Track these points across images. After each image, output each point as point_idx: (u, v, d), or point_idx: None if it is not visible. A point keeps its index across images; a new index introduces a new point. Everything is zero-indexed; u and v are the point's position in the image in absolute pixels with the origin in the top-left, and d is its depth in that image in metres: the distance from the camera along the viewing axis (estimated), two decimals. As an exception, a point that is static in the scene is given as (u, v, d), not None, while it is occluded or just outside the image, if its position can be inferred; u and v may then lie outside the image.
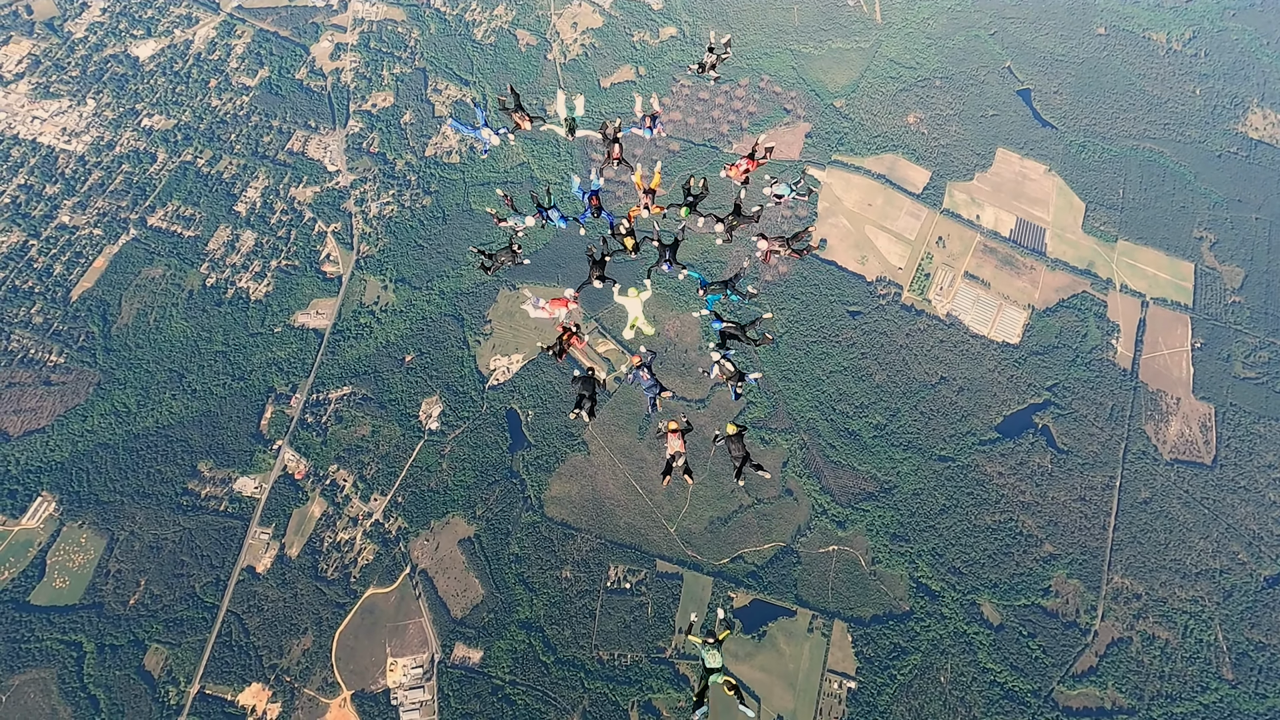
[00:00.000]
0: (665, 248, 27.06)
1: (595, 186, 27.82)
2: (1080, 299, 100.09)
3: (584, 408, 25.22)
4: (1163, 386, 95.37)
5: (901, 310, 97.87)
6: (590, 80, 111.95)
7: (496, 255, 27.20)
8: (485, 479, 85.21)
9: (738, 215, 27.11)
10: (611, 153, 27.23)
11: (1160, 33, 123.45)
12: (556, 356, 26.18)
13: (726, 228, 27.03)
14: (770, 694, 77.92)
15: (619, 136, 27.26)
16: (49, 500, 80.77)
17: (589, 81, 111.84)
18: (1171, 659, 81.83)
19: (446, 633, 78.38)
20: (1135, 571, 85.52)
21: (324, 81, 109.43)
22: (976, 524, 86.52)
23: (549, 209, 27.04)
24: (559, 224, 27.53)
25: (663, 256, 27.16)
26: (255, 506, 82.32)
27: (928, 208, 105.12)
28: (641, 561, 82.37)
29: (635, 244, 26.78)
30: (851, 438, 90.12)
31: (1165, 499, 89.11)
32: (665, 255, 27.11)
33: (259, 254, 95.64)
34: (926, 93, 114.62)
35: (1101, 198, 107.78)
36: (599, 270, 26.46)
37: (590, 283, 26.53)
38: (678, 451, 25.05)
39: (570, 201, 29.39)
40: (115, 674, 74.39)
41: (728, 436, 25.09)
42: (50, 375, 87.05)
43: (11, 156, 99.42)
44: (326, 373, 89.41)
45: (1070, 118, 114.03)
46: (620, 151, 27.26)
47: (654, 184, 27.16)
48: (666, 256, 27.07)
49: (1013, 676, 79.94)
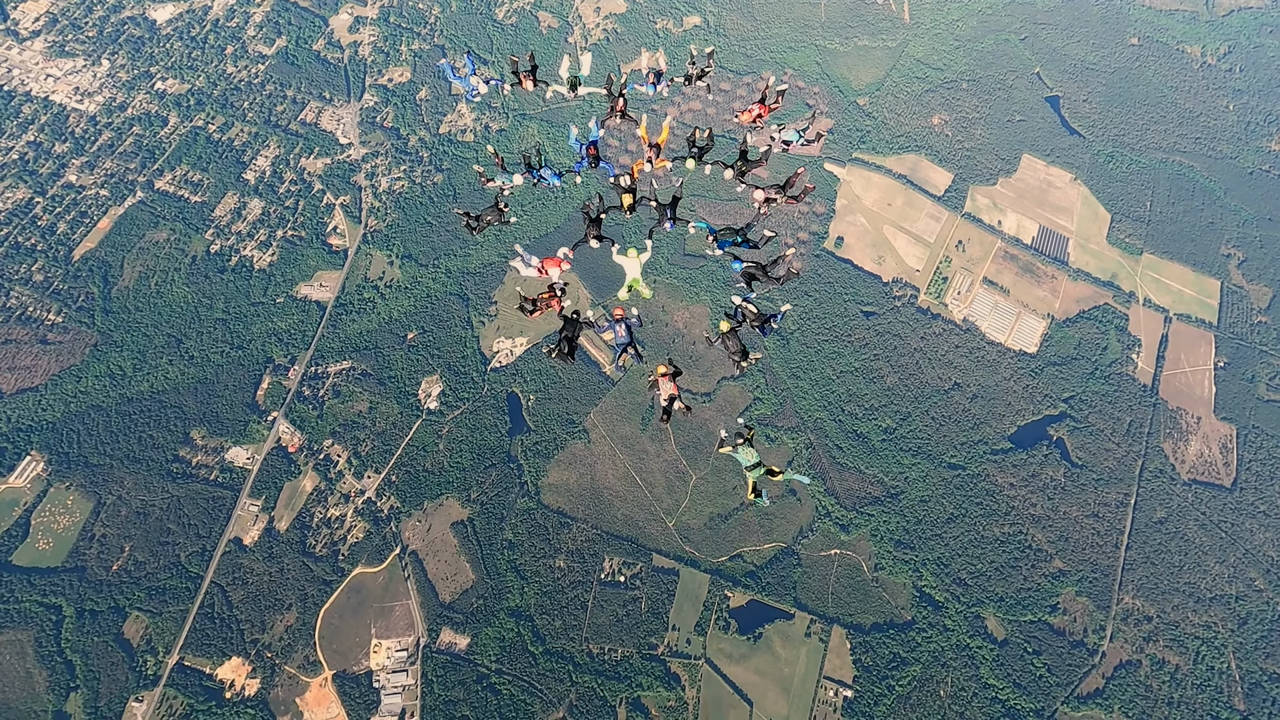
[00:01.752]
0: (664, 207, 25.59)
1: (594, 137, 26.22)
2: (1101, 311, 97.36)
3: (562, 349, 24.24)
4: (1183, 405, 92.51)
5: (917, 313, 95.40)
6: (611, 65, 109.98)
7: (482, 215, 25.89)
8: (482, 462, 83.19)
9: (744, 160, 25.71)
10: (615, 105, 26.01)
11: (1195, 46, 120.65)
12: (528, 314, 24.99)
13: (735, 173, 25.59)
14: (763, 698, 75.49)
15: (624, 91, 26.14)
16: (38, 460, 79.20)
17: (610, 66, 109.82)
18: (1181, 685, 78.93)
19: (434, 617, 76.31)
20: (1147, 593, 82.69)
21: (341, 54, 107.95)
22: (984, 535, 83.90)
23: (540, 169, 26.02)
24: (552, 181, 26.42)
25: (664, 216, 25.69)
26: (246, 477, 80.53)
27: (948, 210, 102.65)
28: (638, 555, 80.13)
29: (632, 203, 25.50)
30: (859, 440, 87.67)
31: (1181, 520, 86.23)
32: (666, 214, 25.62)
33: (265, 223, 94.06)
34: (952, 95, 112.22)
35: (1128, 209, 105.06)
36: (595, 229, 25.12)
37: (586, 241, 25.22)
38: (672, 395, 23.99)
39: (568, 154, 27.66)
40: (93, 640, 72.65)
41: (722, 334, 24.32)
42: (47, 334, 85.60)
43: (23, 113, 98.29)
44: (326, 346, 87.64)
45: (1099, 127, 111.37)
46: (624, 105, 25.99)
47: (661, 139, 25.99)
48: (667, 215, 25.59)
49: (1015, 694, 77.24)
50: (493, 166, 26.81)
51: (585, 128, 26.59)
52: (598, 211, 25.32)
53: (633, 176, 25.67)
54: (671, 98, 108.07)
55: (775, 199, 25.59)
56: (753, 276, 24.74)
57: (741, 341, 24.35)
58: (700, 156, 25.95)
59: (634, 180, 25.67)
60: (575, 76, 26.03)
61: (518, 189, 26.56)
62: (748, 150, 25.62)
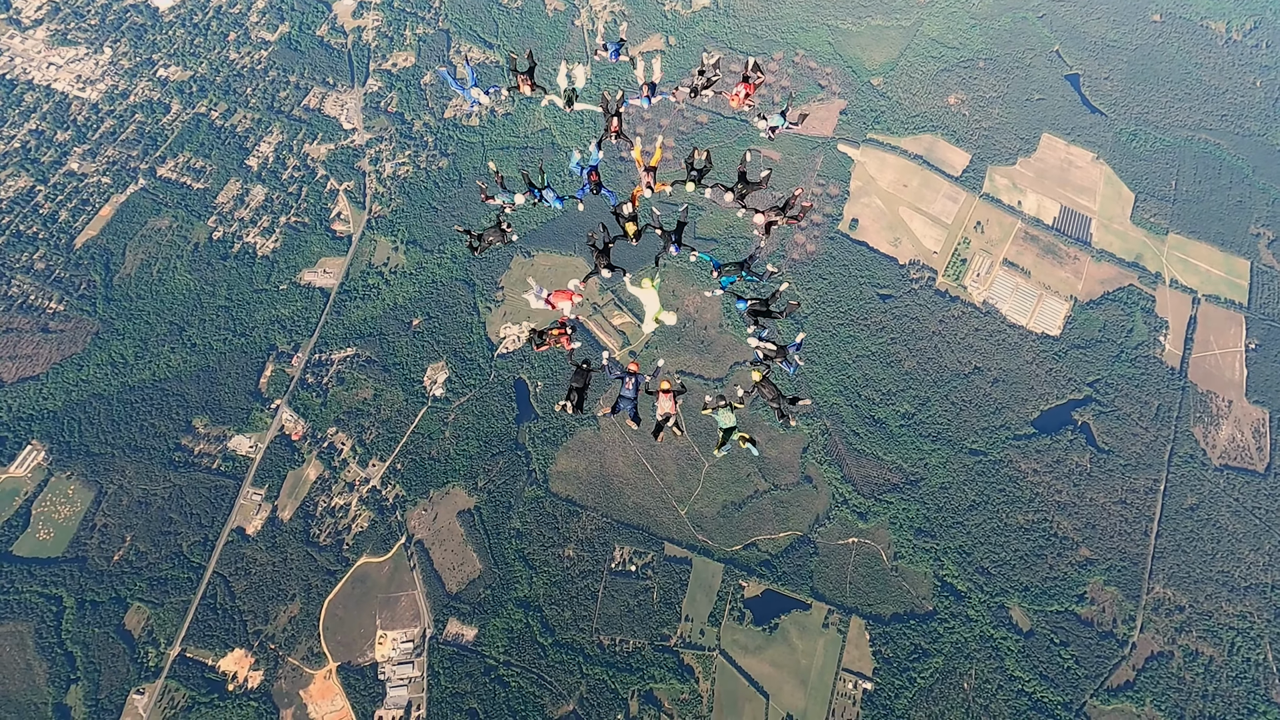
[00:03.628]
0: (668, 233, 25.17)
1: (594, 161, 25.70)
2: (1126, 292, 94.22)
3: (572, 400, 23.70)
4: (1213, 388, 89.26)
5: (935, 295, 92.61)
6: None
7: (484, 235, 25.41)
8: (489, 450, 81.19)
9: (744, 183, 25.32)
10: (610, 125, 25.49)
11: (1219, 22, 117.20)
12: (535, 346, 24.64)
13: (735, 196, 25.26)
14: (780, 691, 73.02)
15: (620, 110, 25.53)
16: (38, 449, 77.88)
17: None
18: (1216, 678, 75.78)
19: (440, 607, 74.33)
20: (1179, 582, 79.57)
21: (345, 39, 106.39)
22: (1008, 523, 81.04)
23: (542, 189, 25.49)
24: (554, 204, 25.98)
25: (669, 241, 25.25)
26: (249, 466, 78.89)
27: (966, 191, 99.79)
28: (649, 544, 77.85)
29: (637, 230, 24.99)
30: (877, 426, 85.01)
31: (1213, 506, 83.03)
32: (671, 239, 25.20)
33: (268, 209, 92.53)
34: (969, 74, 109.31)
35: (1152, 188, 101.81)
36: (604, 259, 24.79)
37: (598, 272, 25.07)
38: (668, 413, 23.93)
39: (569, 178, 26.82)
40: (94, 631, 71.15)
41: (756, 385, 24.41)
42: (49, 322, 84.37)
43: (25, 101, 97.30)
44: (330, 333, 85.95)
45: (1121, 105, 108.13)
46: (620, 125, 25.47)
47: (655, 161, 25.50)
48: (672, 240, 25.17)
49: (1042, 687, 74.36)
50: (493, 184, 26.09)
51: (586, 152, 25.90)
52: (604, 242, 24.88)
53: (634, 203, 25.18)
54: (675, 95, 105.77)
55: (776, 221, 25.13)
56: (758, 313, 24.69)
57: (778, 388, 24.29)
58: (699, 179, 25.45)
59: (635, 207, 25.15)
60: (572, 90, 25.62)
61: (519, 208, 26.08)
62: (747, 171, 25.08)
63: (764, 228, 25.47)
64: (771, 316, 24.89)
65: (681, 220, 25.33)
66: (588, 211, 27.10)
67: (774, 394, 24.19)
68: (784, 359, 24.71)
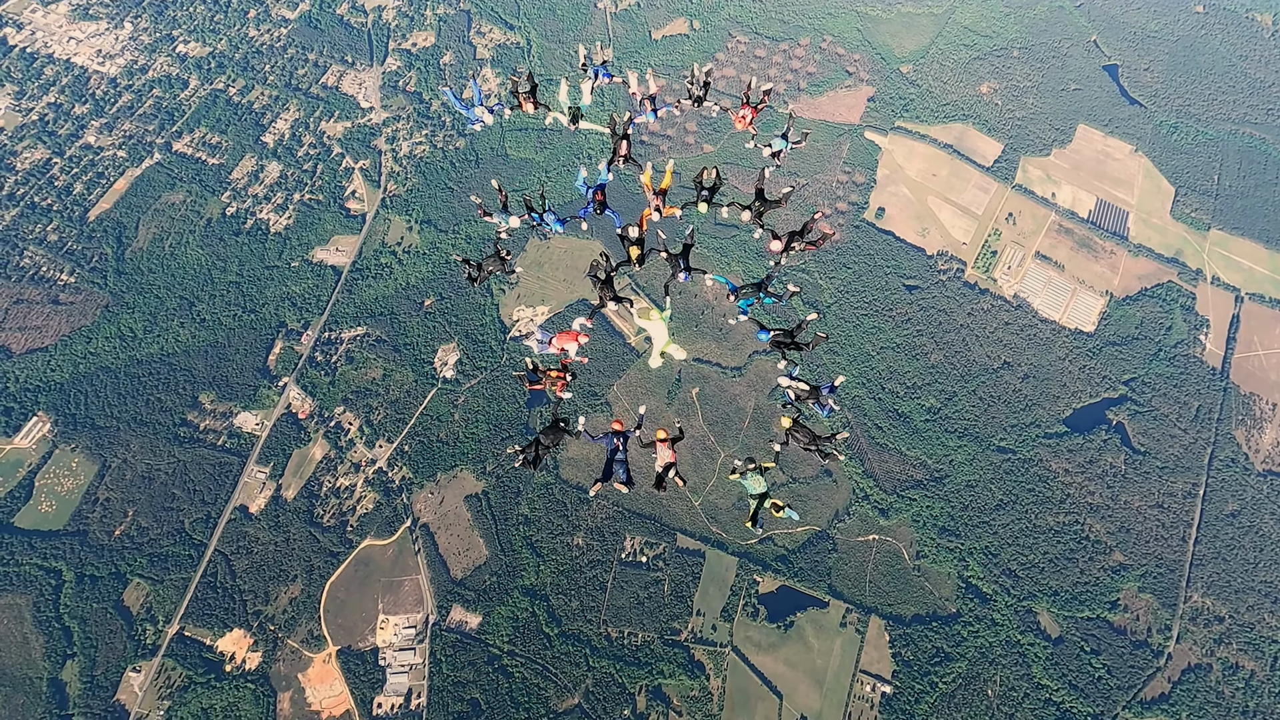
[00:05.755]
0: (675, 257, 23.38)
1: (602, 180, 23.99)
2: (1165, 289, 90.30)
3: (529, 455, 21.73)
4: (1257, 389, 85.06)
5: (964, 287, 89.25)
6: (641, 31, 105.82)
7: (483, 264, 23.95)
8: (499, 434, 78.98)
9: (762, 201, 23.49)
10: (619, 150, 23.80)
11: (1266, 14, 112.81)
12: (528, 384, 22.83)
13: (754, 214, 23.49)
14: (794, 691, 69.97)
15: (628, 132, 23.83)
16: (44, 421, 76.79)
17: (640, 32, 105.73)
18: (1258, 693, 71.67)
19: (444, 593, 72.12)
20: (1218, 591, 75.53)
21: (365, 18, 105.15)
22: (1037, 524, 77.44)
23: (543, 212, 23.68)
24: (555, 228, 24.03)
25: (676, 267, 23.43)
26: (255, 444, 77.28)
27: (998, 181, 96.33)
28: (661, 534, 75.17)
29: (641, 255, 23.40)
30: (901, 420, 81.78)
31: (1256, 513, 78.89)
32: (679, 265, 23.38)
33: (283, 186, 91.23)
34: (1003, 63, 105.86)
35: (1194, 183, 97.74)
36: (609, 290, 23.01)
37: (603, 306, 23.48)
38: (669, 463, 21.89)
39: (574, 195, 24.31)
40: (92, 606, 69.71)
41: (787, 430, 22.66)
42: (59, 295, 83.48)
43: (44, 75, 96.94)
44: (341, 311, 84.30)
45: (1161, 97, 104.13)
46: (629, 149, 23.86)
47: (664, 185, 23.79)
48: (680, 266, 23.37)
49: (1071, 696, 70.68)
50: (492, 201, 24.38)
51: (594, 170, 24.59)
52: (607, 272, 23.16)
53: (641, 226, 23.47)
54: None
55: (794, 247, 23.62)
56: (782, 344, 23.23)
57: (811, 429, 22.56)
58: (710, 198, 23.97)
59: (642, 231, 23.47)
60: (577, 107, 24.01)
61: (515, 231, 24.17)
62: (764, 190, 23.37)
63: (780, 251, 23.77)
64: (798, 348, 23.26)
65: (688, 242, 23.63)
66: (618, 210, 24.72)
67: (810, 437, 22.30)
68: (817, 400, 22.84)
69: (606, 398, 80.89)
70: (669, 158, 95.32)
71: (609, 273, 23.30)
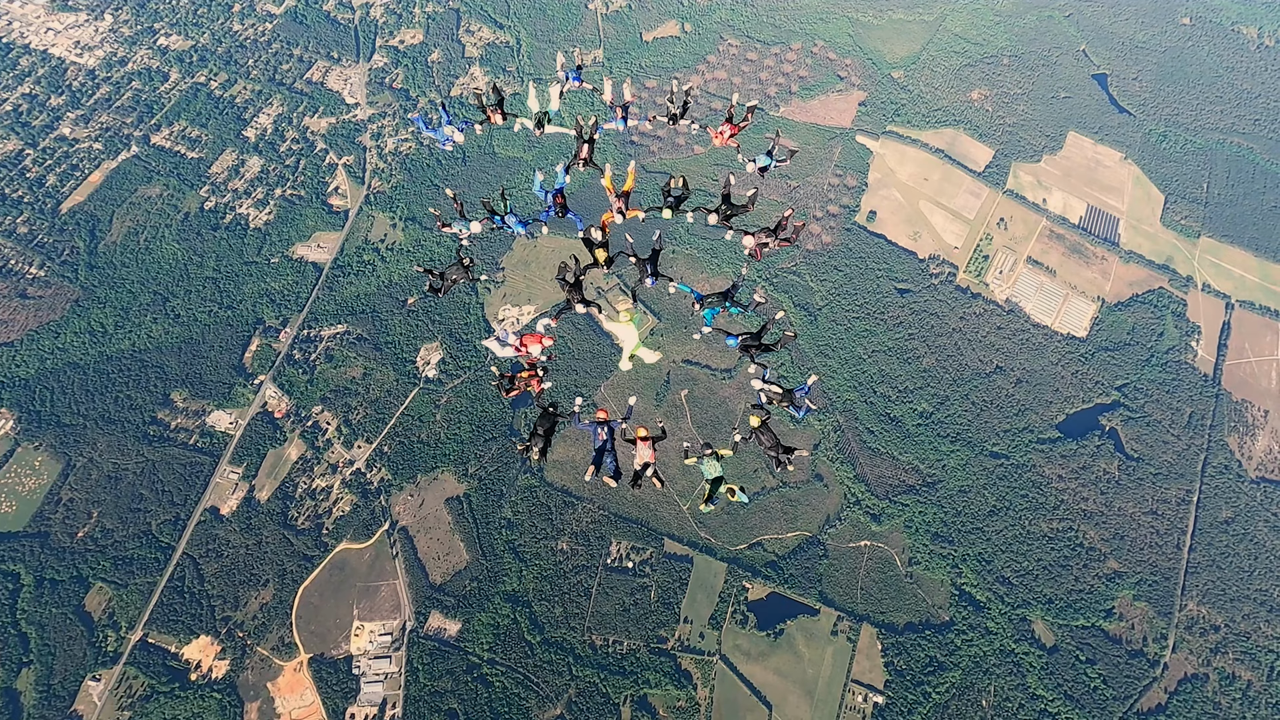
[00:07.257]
0: (643, 261, 22.97)
1: (560, 184, 23.81)
2: (1156, 295, 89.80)
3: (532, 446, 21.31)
4: (1249, 396, 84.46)
5: (955, 292, 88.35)
6: (632, 33, 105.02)
7: (445, 273, 23.63)
8: (481, 435, 76.75)
9: (729, 205, 23.18)
10: (579, 153, 23.60)
11: (1251, 27, 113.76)
12: (504, 392, 22.34)
13: (721, 218, 23.20)
14: (784, 701, 67.75)
15: (594, 136, 23.57)
16: (7, 418, 73.83)
17: (631, 34, 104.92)
18: (1254, 704, 70.25)
19: (422, 599, 69.51)
20: (1214, 599, 74.30)
21: (352, 14, 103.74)
22: (1031, 530, 76.03)
23: (504, 215, 23.49)
24: (518, 230, 23.92)
25: (644, 272, 23.11)
26: (227, 443, 74.61)
27: (989, 187, 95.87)
28: (648, 539, 73.05)
29: (608, 257, 23.01)
30: (893, 424, 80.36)
31: (1250, 520, 77.92)
32: (646, 269, 23.07)
33: (264, 181, 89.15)
34: (993, 70, 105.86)
35: (1183, 191, 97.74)
36: (577, 293, 22.60)
37: (570, 309, 22.92)
38: (647, 462, 21.55)
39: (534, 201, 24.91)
40: (51, 611, 66.53)
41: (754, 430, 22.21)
42: (27, 288, 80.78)
43: (20, 65, 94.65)
44: (321, 308, 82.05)
45: (1150, 106, 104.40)
46: (590, 153, 23.64)
47: (627, 187, 23.48)
48: (648, 270, 23.06)
49: (1067, 707, 68.95)
50: (449, 210, 24.33)
51: (551, 173, 24.30)
52: (575, 275, 22.82)
53: (604, 229, 23.05)
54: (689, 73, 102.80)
55: (768, 244, 23.32)
56: (750, 347, 22.46)
57: (776, 435, 22.13)
58: (677, 206, 23.59)
59: (605, 234, 23.06)
60: (545, 113, 23.88)
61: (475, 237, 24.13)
62: (730, 194, 23.08)
63: (755, 248, 23.42)
64: (765, 350, 22.57)
65: (656, 248, 23.09)
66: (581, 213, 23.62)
67: (772, 442, 21.93)
68: (791, 403, 22.30)
69: (593, 399, 78.84)
70: (659, 159, 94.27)
71: (578, 275, 22.84)
